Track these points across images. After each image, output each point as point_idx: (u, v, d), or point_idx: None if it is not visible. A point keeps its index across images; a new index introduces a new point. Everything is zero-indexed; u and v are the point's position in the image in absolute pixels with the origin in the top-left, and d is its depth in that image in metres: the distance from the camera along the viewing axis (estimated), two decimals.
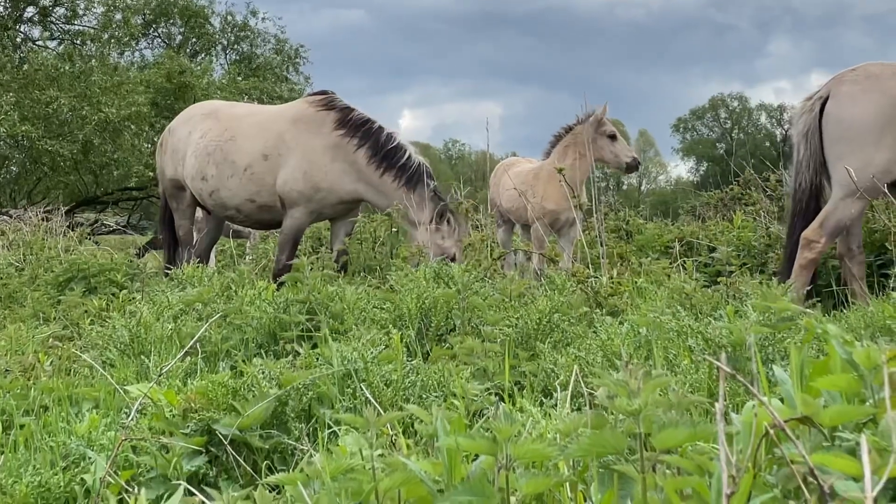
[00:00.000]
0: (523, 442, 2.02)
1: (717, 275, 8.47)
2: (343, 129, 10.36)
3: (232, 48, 45.98)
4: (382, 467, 2.22)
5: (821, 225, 7.70)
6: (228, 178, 10.68)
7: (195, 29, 44.23)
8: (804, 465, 1.84)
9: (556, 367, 4.56)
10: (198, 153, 10.96)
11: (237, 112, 11.52)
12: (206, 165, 10.85)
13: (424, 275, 6.40)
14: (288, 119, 10.74)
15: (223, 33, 45.29)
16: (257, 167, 10.57)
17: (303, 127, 10.53)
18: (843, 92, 7.81)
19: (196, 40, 45.11)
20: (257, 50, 45.07)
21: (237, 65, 44.37)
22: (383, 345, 4.65)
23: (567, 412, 3.36)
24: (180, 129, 11.50)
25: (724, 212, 15.16)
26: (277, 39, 44.55)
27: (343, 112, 10.50)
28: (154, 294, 6.45)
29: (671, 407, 2.20)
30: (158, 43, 44.60)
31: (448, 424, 2.26)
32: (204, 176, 10.86)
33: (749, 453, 1.88)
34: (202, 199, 11.09)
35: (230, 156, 10.71)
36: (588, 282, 6.96)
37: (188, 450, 3.28)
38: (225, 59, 46.04)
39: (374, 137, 10.30)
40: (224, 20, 44.81)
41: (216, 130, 10.99)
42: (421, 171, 10.21)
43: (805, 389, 2.40)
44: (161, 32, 44.74)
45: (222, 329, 5.45)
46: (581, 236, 9.69)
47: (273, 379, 3.85)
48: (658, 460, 2.04)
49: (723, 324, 4.38)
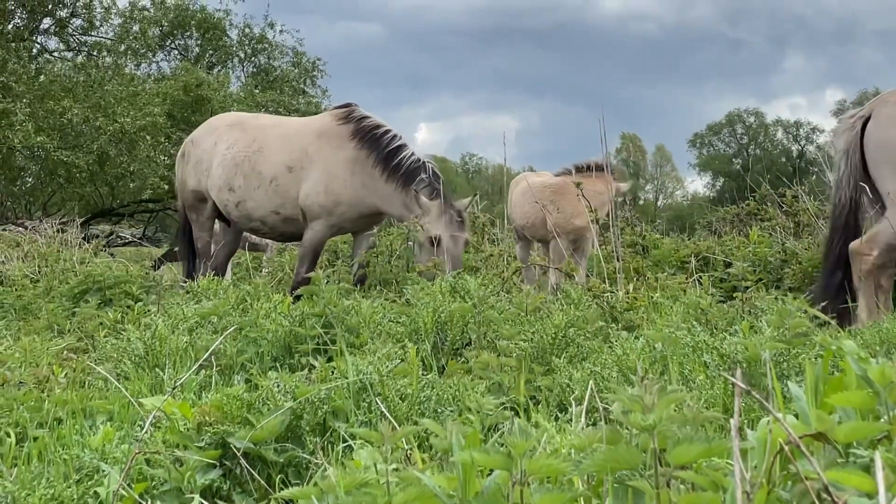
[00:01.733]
0: (538, 457, 2.02)
1: (732, 290, 8.45)
2: (356, 140, 10.44)
3: (249, 60, 46.01)
4: (397, 482, 2.22)
5: (871, 240, 7.67)
6: (255, 189, 10.72)
7: (212, 41, 44.26)
8: (819, 482, 1.83)
9: (572, 381, 4.55)
10: (225, 163, 10.99)
11: (263, 123, 11.57)
12: (233, 176, 10.88)
13: (440, 288, 6.40)
14: (312, 132, 10.81)
15: (240, 45, 45.32)
16: (282, 179, 10.62)
17: (325, 141, 10.59)
18: (884, 114, 7.79)
19: (213, 52, 45.15)
20: (274, 62, 45.08)
21: (254, 77, 44.43)
22: (399, 359, 4.65)
23: (582, 427, 3.36)
24: (205, 139, 11.51)
25: (740, 227, 15.15)
26: (295, 52, 44.59)
27: (357, 122, 10.56)
28: (169, 307, 6.46)
29: (686, 422, 2.20)
30: (175, 55, 44.67)
31: (463, 439, 2.26)
32: (231, 187, 10.89)
33: (763, 469, 1.88)
34: (227, 210, 11.09)
35: (258, 167, 10.76)
36: (604, 296, 6.96)
37: (202, 463, 3.28)
38: (242, 72, 46.11)
39: (378, 142, 10.36)
40: (241, 32, 44.87)
41: (244, 141, 11.03)
42: (414, 167, 10.21)
43: (820, 406, 2.40)
44: (178, 44, 44.79)
45: (237, 342, 5.46)
46: (598, 251, 9.69)
47: (288, 392, 3.85)
48: (673, 476, 2.04)
49: (738, 339, 4.38)
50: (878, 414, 2.19)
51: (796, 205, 13.46)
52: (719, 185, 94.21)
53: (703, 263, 11.12)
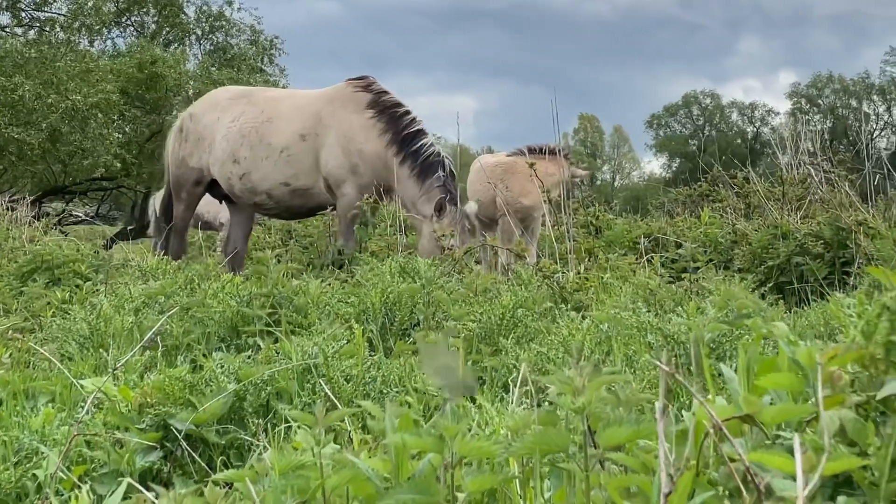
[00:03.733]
0: (469, 440, 2.03)
1: (683, 271, 8.50)
2: (372, 111, 10.37)
3: (206, 38, 45.61)
4: (332, 464, 2.22)
5: None
6: (263, 160, 10.59)
7: (169, 18, 43.83)
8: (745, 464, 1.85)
9: (518, 362, 4.57)
10: (230, 136, 10.85)
11: (273, 95, 11.57)
12: (239, 148, 10.75)
13: (390, 269, 6.39)
14: (325, 99, 10.75)
15: (198, 23, 44.92)
16: (295, 148, 10.54)
17: (339, 105, 10.54)
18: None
19: (170, 29, 44.72)
20: (232, 40, 44.68)
21: (211, 55, 44.05)
22: (345, 339, 4.64)
23: (524, 408, 3.37)
24: (206, 115, 11.32)
25: (692, 208, 15.26)
26: (253, 30, 44.26)
27: (377, 94, 10.51)
28: (117, 286, 6.42)
29: (620, 404, 2.21)
30: (131, 31, 44.22)
31: (396, 421, 2.26)
32: (236, 158, 10.76)
33: (687, 452, 1.89)
34: (230, 183, 10.93)
35: (266, 137, 10.64)
36: (554, 277, 6.98)
37: (142, 445, 3.27)
38: (199, 49, 45.70)
39: (396, 122, 10.30)
40: (199, 10, 44.46)
41: (251, 113, 10.89)
42: (433, 160, 10.14)
43: (752, 388, 2.41)
44: (134, 21, 44.31)
45: (184, 323, 5.43)
46: (550, 231, 9.71)
47: (231, 374, 3.85)
48: (604, 458, 2.05)
49: (681, 320, 4.41)
50: (808, 396, 2.21)
51: (747, 186, 13.55)
52: (675, 166, 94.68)
53: (654, 244, 11.18)
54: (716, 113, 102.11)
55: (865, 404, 2.21)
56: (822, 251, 8.74)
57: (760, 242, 9.23)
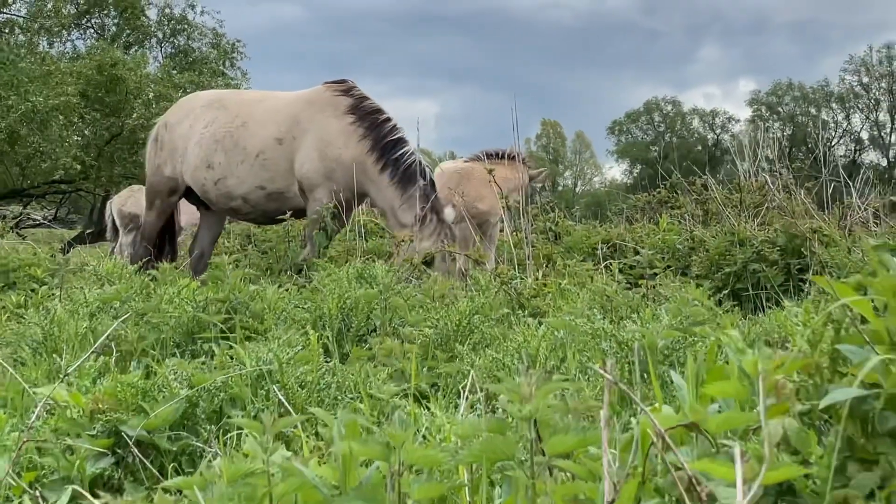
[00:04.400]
0: (416, 447, 2.03)
1: (641, 277, 8.54)
2: (353, 116, 10.22)
3: (168, 41, 45.40)
4: (281, 472, 2.21)
5: None
6: (238, 164, 10.46)
7: (130, 21, 43.56)
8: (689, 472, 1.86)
9: (474, 368, 4.57)
10: (203, 142, 10.72)
11: (247, 98, 11.42)
12: (212, 153, 10.62)
13: (347, 275, 6.38)
14: (303, 102, 10.59)
15: (159, 26, 44.69)
16: (270, 153, 10.39)
17: (318, 108, 10.40)
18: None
19: (131, 32, 44.46)
20: (194, 44, 44.50)
21: (172, 58, 43.83)
22: (301, 345, 4.63)
23: (473, 415, 3.38)
24: (179, 124, 11.18)
25: (651, 215, 15.34)
26: (215, 34, 44.07)
27: (358, 100, 10.36)
28: (72, 291, 6.38)
29: (569, 412, 2.22)
30: (91, 34, 43.94)
31: (344, 429, 2.26)
32: (210, 164, 10.62)
33: (631, 459, 1.91)
34: (204, 189, 10.80)
35: (241, 141, 10.50)
36: (512, 283, 7.00)
37: (93, 452, 3.25)
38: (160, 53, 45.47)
39: (377, 129, 10.15)
40: (161, 12, 44.22)
41: (224, 117, 10.77)
42: (415, 168, 10.00)
43: (700, 396, 2.43)
44: (94, 23, 44.02)
45: (139, 328, 5.40)
46: (508, 237, 9.73)
47: (185, 380, 3.83)
48: (551, 465, 2.06)
49: (636, 327, 4.43)
50: (754, 404, 2.23)
51: (705, 193, 13.64)
52: (636, 172, 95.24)
53: (613, 250, 11.23)
54: (677, 119, 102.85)
55: (810, 413, 2.23)
56: (778, 258, 8.80)
57: (717, 249, 9.28)
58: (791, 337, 3.80)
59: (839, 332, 2.38)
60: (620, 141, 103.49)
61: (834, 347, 2.33)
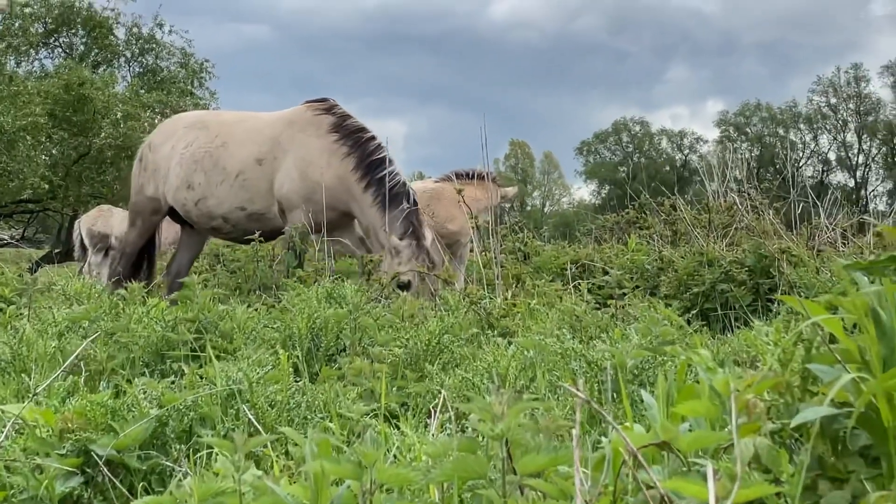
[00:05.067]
0: (387, 467, 2.03)
1: (609, 297, 8.57)
2: (337, 134, 10.16)
3: (136, 60, 45.22)
4: (252, 491, 2.21)
5: None
6: (218, 185, 10.42)
7: (98, 40, 43.39)
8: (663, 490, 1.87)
9: (444, 388, 4.57)
10: (184, 162, 10.67)
11: (227, 119, 11.30)
12: (192, 173, 10.58)
13: (317, 294, 6.37)
14: (282, 122, 10.53)
15: (128, 45, 44.52)
16: (250, 173, 10.33)
17: (298, 129, 10.33)
18: None
19: (99, 51, 44.29)
20: (162, 63, 44.33)
21: (141, 77, 43.66)
22: (270, 365, 4.62)
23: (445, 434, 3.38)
24: (163, 146, 11.15)
25: (619, 235, 15.40)
26: (184, 53, 43.95)
27: (340, 118, 10.30)
28: (41, 311, 6.34)
29: (540, 431, 2.23)
30: (59, 53, 43.75)
31: (316, 448, 2.26)
32: (190, 184, 10.59)
33: (603, 478, 1.92)
34: (185, 209, 10.79)
35: (221, 162, 10.46)
36: (481, 303, 7.00)
37: (62, 471, 3.23)
38: (129, 72, 45.28)
39: (362, 147, 10.07)
40: (129, 32, 44.05)
41: (204, 137, 10.73)
42: (399, 190, 9.88)
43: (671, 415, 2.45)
44: (62, 42, 43.84)
45: (109, 348, 5.38)
46: (478, 257, 9.74)
47: (154, 399, 3.82)
48: (522, 484, 2.07)
49: (605, 347, 4.45)
50: (725, 423, 2.25)
51: (674, 214, 13.71)
52: (605, 193, 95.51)
53: (582, 270, 11.26)
54: (645, 140, 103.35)
55: (781, 432, 2.25)
56: (747, 278, 8.86)
57: (686, 269, 9.33)
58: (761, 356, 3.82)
59: (810, 351, 2.39)
60: (589, 161, 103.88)
61: (805, 366, 2.35)
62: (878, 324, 2.17)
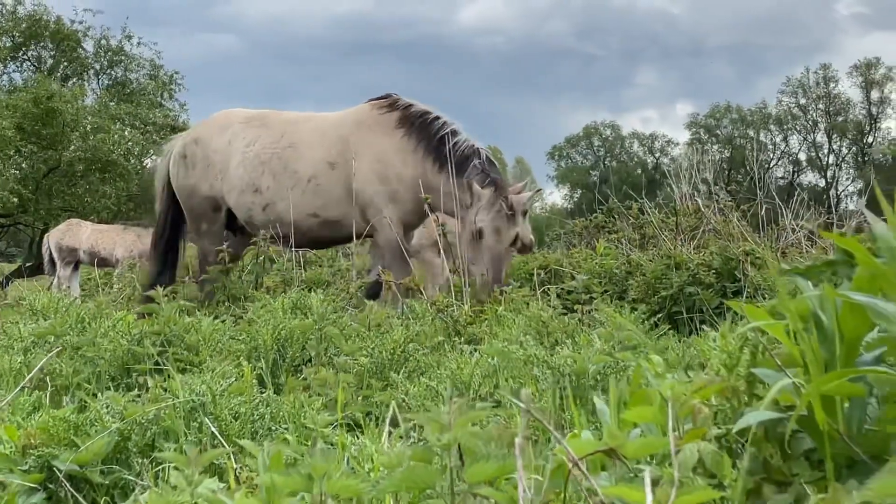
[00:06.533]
0: (337, 478, 2.06)
1: (578, 302, 8.59)
2: (403, 129, 9.84)
3: (105, 73, 45.13)
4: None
5: None
6: (290, 189, 9.90)
7: (67, 53, 43.31)
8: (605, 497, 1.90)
9: (408, 397, 4.60)
10: (246, 163, 10.14)
11: (289, 117, 10.74)
12: (259, 176, 10.07)
13: (283, 305, 6.38)
14: (351, 123, 10.13)
15: (97, 58, 44.42)
16: (323, 178, 9.93)
17: (367, 129, 9.95)
18: None
19: (68, 64, 44.19)
20: (131, 75, 44.28)
21: (109, 90, 43.55)
22: (234, 377, 4.63)
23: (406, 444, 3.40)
24: (215, 139, 10.51)
25: (588, 239, 15.45)
26: (153, 65, 43.89)
27: (404, 111, 9.97)
28: (7, 325, 6.33)
29: (491, 440, 2.25)
30: (28, 66, 43.63)
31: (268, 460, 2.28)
32: (257, 188, 10.07)
33: (546, 486, 1.94)
34: (250, 214, 10.19)
35: (291, 164, 10.00)
36: (448, 310, 7.02)
37: (24, 487, 3.24)
38: (98, 84, 45.15)
39: (426, 130, 9.77)
40: (98, 44, 43.94)
41: (268, 137, 10.23)
42: (468, 152, 9.61)
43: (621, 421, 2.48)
44: (31, 55, 43.73)
45: (74, 362, 5.37)
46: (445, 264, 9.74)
47: (117, 413, 3.82)
48: (472, 493, 2.09)
49: (567, 353, 4.48)
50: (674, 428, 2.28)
51: (642, 217, 13.78)
52: (577, 197, 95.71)
53: (551, 276, 11.29)
54: (616, 144, 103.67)
55: (726, 436, 2.28)
56: (714, 281, 8.91)
57: (654, 273, 9.37)
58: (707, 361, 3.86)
59: (755, 355, 2.43)
60: (561, 166, 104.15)
61: (750, 371, 2.38)
62: (820, 328, 2.21)
